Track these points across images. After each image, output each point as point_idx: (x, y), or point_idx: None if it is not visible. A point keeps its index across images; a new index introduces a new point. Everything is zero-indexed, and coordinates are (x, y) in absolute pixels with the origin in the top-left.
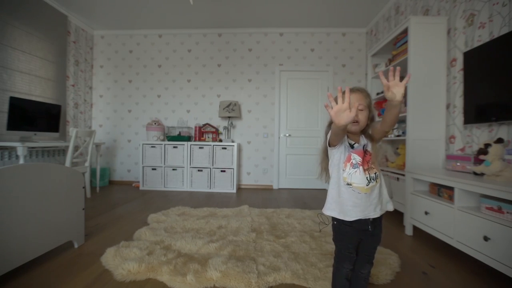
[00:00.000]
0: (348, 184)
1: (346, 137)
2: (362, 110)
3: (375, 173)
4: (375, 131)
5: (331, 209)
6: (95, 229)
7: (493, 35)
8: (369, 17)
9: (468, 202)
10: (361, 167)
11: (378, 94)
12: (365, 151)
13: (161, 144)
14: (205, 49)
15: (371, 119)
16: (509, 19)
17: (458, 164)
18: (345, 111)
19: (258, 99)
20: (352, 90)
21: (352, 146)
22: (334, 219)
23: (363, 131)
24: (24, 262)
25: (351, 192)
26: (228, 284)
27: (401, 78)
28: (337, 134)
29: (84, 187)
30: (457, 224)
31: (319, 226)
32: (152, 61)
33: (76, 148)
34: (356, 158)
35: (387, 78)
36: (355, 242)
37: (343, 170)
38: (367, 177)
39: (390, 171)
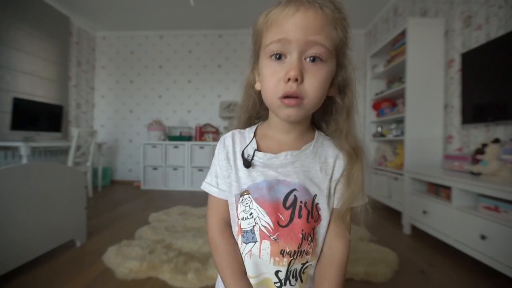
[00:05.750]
0: None
1: (247, 133)
2: (318, 60)
3: (305, 262)
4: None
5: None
6: (97, 228)
7: (490, 36)
8: (368, 18)
9: (465, 201)
10: (266, 241)
11: (377, 94)
12: (298, 204)
13: (162, 144)
14: (205, 50)
15: (342, 87)
16: (506, 21)
17: (456, 163)
18: None
19: None
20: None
21: (248, 163)
22: None
23: (317, 121)
24: (27, 261)
25: None
26: None
27: (400, 79)
28: None
29: (86, 187)
30: (454, 223)
31: None
32: (153, 62)
33: (78, 148)
34: (257, 211)
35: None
36: None
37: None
38: (278, 270)
39: (389, 170)
